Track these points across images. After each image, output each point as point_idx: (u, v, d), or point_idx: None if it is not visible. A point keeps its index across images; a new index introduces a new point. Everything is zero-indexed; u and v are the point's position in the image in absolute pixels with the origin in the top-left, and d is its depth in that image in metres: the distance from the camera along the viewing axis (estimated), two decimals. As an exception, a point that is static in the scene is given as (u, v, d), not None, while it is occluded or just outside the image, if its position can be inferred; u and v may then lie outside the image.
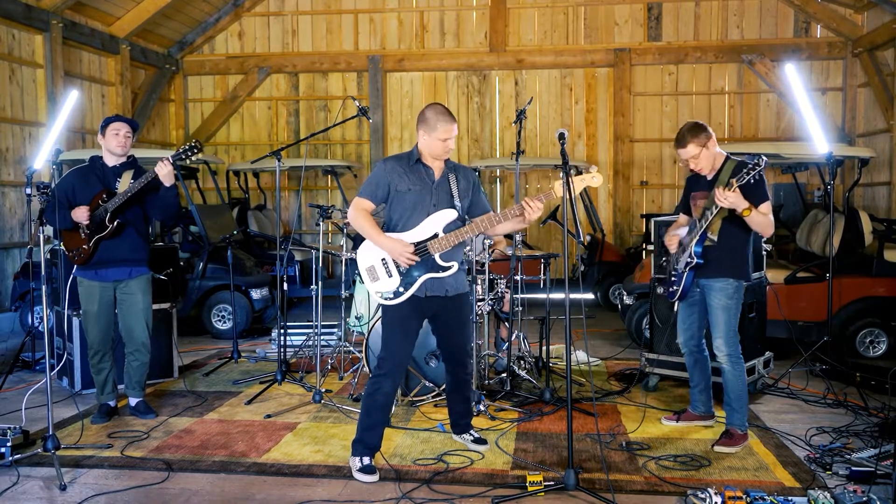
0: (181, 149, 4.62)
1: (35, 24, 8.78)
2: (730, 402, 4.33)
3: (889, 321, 6.44)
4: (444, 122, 3.87)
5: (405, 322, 3.93)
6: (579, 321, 6.87)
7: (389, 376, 3.92)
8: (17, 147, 8.77)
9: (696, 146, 4.19)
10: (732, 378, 4.30)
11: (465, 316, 4.15)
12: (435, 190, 3.94)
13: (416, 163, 3.96)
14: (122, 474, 3.93)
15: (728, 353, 4.28)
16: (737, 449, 4.21)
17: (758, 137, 11.01)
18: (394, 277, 3.90)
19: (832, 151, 6.26)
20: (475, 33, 11.55)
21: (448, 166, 4.03)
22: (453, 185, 3.98)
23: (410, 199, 3.91)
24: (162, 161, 4.54)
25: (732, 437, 4.27)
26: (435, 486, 3.72)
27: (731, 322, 4.28)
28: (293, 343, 6.75)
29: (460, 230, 3.89)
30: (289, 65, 11.82)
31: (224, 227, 8.13)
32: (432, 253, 3.88)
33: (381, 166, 3.99)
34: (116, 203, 4.61)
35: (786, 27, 10.96)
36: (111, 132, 4.71)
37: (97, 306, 4.77)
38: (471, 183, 4.06)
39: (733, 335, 4.28)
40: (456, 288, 3.99)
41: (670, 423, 4.69)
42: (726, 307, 4.27)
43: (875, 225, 7.06)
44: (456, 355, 4.16)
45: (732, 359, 4.29)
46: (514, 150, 5.85)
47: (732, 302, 4.27)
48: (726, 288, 4.26)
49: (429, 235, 3.89)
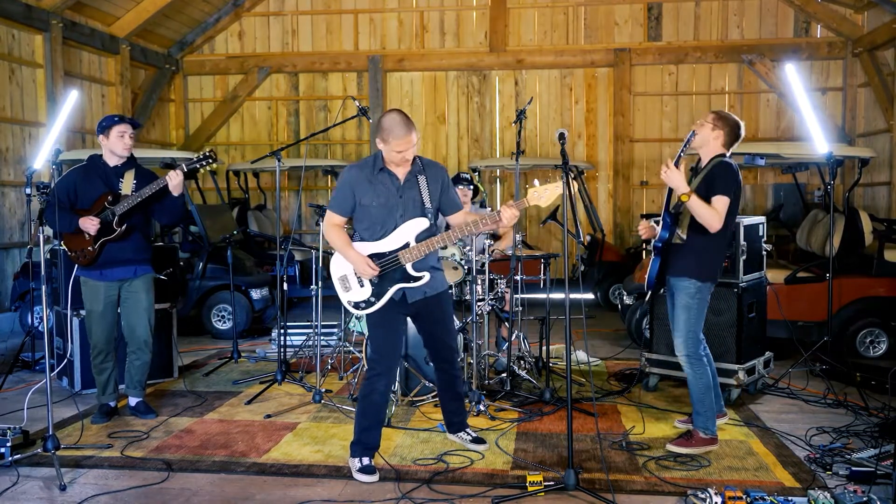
0: (196, 157, 4.65)
1: (35, 24, 8.78)
2: (693, 403, 4.27)
3: (889, 321, 6.44)
4: (398, 135, 3.71)
5: (389, 320, 3.93)
6: (579, 321, 6.87)
7: (383, 376, 3.91)
8: (17, 147, 8.77)
9: (708, 122, 4.20)
10: (693, 380, 4.22)
11: (447, 313, 4.10)
12: (401, 199, 3.85)
13: (380, 171, 3.86)
14: (122, 474, 3.93)
15: (686, 353, 4.20)
16: (692, 451, 4.13)
17: (758, 137, 11.01)
18: (365, 287, 3.89)
19: (832, 151, 6.26)
20: (475, 33, 11.55)
21: (416, 168, 3.91)
22: (423, 189, 3.89)
23: (376, 213, 3.85)
24: (175, 170, 4.54)
25: (691, 439, 4.20)
26: (435, 486, 3.72)
27: (690, 322, 4.18)
28: (293, 343, 6.75)
29: (432, 240, 3.84)
30: (289, 65, 11.82)
31: (224, 227, 8.14)
32: (403, 263, 3.84)
33: (345, 177, 3.89)
34: (125, 207, 4.62)
35: (786, 27, 10.96)
36: (117, 134, 4.69)
37: (102, 306, 4.77)
38: (440, 182, 3.96)
39: (693, 336, 4.19)
40: (434, 288, 3.96)
41: (687, 426, 4.59)
42: (687, 306, 4.18)
43: (875, 225, 7.06)
44: (441, 353, 4.14)
45: (691, 360, 4.20)
46: (514, 150, 5.85)
47: (694, 302, 4.17)
48: (689, 287, 4.17)
49: (400, 245, 3.85)
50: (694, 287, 4.17)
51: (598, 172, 11.47)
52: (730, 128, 4.20)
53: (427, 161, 4.01)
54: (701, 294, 4.19)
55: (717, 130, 4.19)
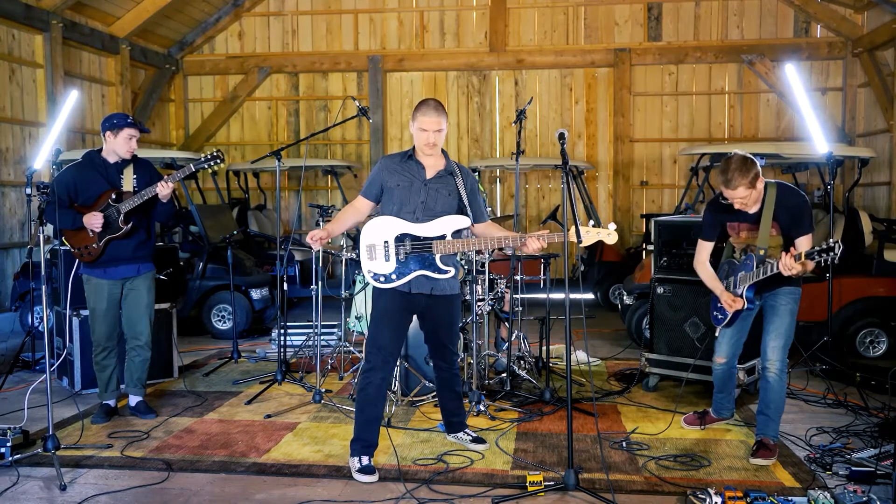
0: (204, 157, 4.70)
1: (35, 24, 8.78)
2: (770, 411, 4.13)
3: (889, 321, 6.44)
4: (422, 111, 3.88)
5: (393, 316, 3.93)
6: (579, 321, 6.87)
7: (378, 369, 3.91)
8: (17, 147, 8.77)
9: (746, 188, 3.84)
10: (779, 388, 4.10)
11: (453, 317, 4.11)
12: (425, 187, 3.92)
13: (408, 159, 3.99)
14: (122, 474, 3.93)
15: (783, 360, 4.13)
16: (775, 460, 4.04)
17: (758, 137, 11.01)
18: (390, 262, 3.89)
19: (832, 151, 6.26)
20: (475, 33, 11.55)
21: (449, 167, 4.01)
22: (461, 189, 3.97)
23: (398, 195, 3.94)
24: (164, 182, 4.59)
25: (769, 449, 4.07)
26: (435, 486, 3.72)
27: (794, 327, 4.12)
28: (293, 343, 6.75)
29: (466, 241, 3.89)
30: (289, 65, 11.82)
31: (224, 227, 8.14)
32: (434, 252, 3.88)
33: (378, 164, 4.06)
34: (131, 206, 4.63)
35: (786, 27, 10.96)
36: (126, 136, 4.70)
37: (105, 304, 4.79)
38: (470, 188, 4.04)
39: (790, 342, 4.15)
40: (442, 288, 3.97)
41: (693, 427, 4.61)
42: (793, 312, 4.10)
43: (875, 225, 7.06)
44: (440, 353, 4.16)
45: (783, 367, 4.14)
46: (514, 150, 5.85)
47: (797, 307, 4.12)
48: (796, 293, 4.11)
49: (436, 234, 3.89)
50: (799, 293, 4.13)
51: (597, 172, 11.47)
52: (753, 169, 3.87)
53: (461, 166, 4.10)
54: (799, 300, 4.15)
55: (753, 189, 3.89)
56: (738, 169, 3.82)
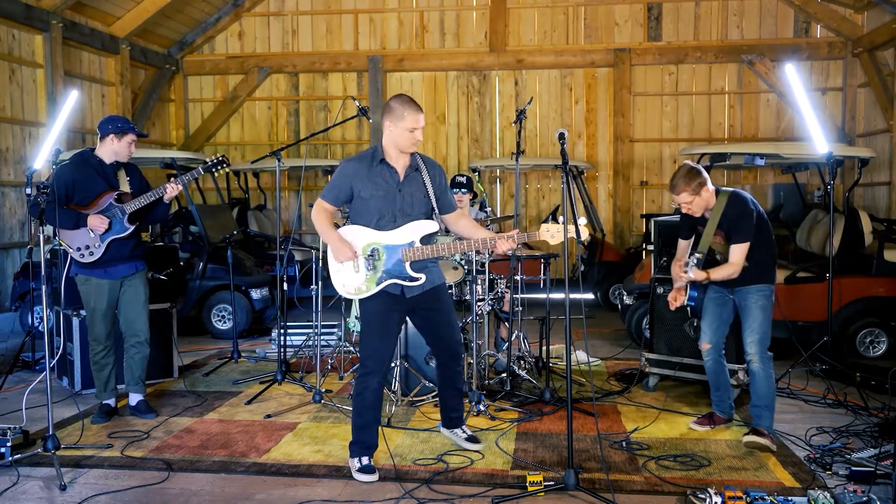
0: (211, 161, 4.80)
1: (35, 24, 8.78)
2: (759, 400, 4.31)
3: (889, 321, 6.44)
4: (412, 111, 3.76)
5: (383, 318, 3.89)
6: (579, 321, 6.87)
7: (375, 374, 3.90)
8: (17, 147, 8.77)
9: (690, 195, 4.24)
10: (764, 377, 4.30)
11: (447, 304, 4.07)
12: (400, 193, 3.85)
13: (379, 163, 3.85)
14: (122, 474, 3.93)
15: (760, 352, 4.31)
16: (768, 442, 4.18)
17: (758, 137, 11.02)
18: (360, 273, 3.87)
19: (832, 151, 6.25)
20: (475, 33, 11.55)
21: (414, 162, 3.91)
22: (427, 184, 3.89)
23: (374, 205, 3.84)
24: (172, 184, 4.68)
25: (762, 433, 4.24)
26: (435, 486, 3.72)
27: (767, 322, 4.32)
28: (293, 343, 6.75)
29: (436, 246, 3.83)
30: (289, 65, 11.82)
31: (224, 227, 8.13)
32: (404, 260, 3.84)
33: (344, 169, 3.89)
34: (137, 206, 4.70)
35: (786, 27, 10.97)
36: (128, 141, 4.77)
37: (106, 303, 4.81)
38: (438, 181, 3.97)
39: (767, 335, 4.32)
40: (431, 281, 3.94)
41: (704, 427, 4.61)
42: (764, 307, 4.31)
43: (875, 225, 7.06)
44: (448, 348, 4.11)
45: (764, 358, 4.30)
46: (514, 150, 5.85)
47: (769, 303, 4.34)
48: (765, 290, 4.34)
49: (405, 242, 3.84)
50: (769, 289, 4.34)
51: (597, 172, 11.47)
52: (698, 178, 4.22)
53: (426, 158, 4.01)
54: (772, 295, 4.36)
55: (696, 196, 4.24)
56: (683, 177, 4.24)
